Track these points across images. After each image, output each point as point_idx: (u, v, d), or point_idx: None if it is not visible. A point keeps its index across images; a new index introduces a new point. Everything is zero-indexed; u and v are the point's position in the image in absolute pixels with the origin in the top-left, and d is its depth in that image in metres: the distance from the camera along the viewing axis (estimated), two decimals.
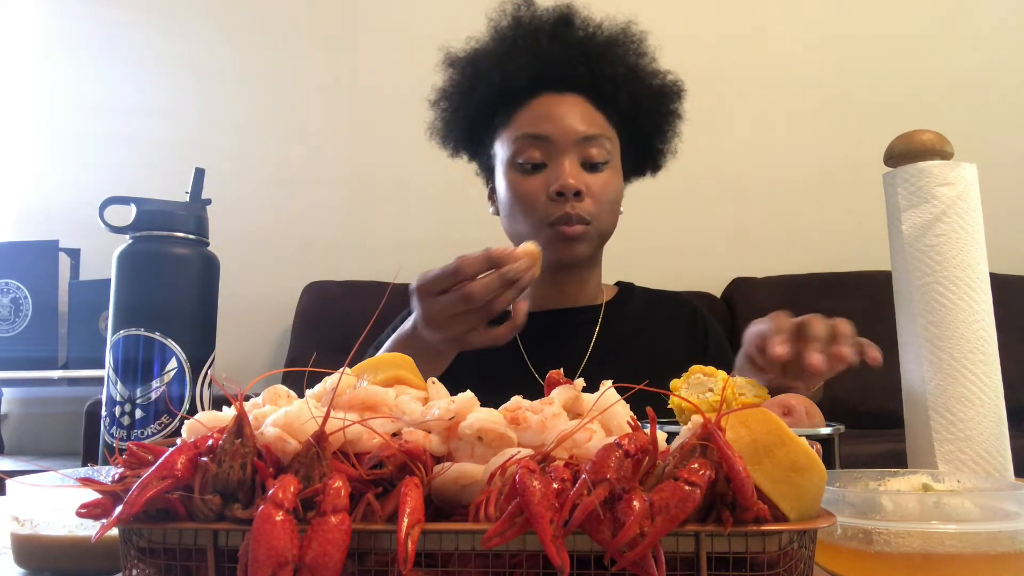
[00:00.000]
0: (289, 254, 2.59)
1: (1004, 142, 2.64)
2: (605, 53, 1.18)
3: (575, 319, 1.23)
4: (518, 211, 1.14)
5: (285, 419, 0.46)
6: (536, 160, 1.12)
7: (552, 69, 1.16)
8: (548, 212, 1.11)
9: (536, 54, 1.16)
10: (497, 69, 1.17)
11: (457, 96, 1.22)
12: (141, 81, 2.65)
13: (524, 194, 1.12)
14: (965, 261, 0.78)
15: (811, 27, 2.77)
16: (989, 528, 0.54)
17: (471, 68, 1.20)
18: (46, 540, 0.60)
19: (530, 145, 1.12)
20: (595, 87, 1.16)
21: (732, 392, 0.79)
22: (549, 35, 1.18)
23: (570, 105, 1.14)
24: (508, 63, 1.16)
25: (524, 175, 1.13)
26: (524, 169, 1.13)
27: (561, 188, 1.09)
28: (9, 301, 2.26)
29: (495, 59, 1.18)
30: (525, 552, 0.42)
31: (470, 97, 1.20)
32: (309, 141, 2.65)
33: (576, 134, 1.12)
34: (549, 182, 1.10)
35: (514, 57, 1.16)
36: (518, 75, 1.15)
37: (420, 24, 2.66)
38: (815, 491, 0.45)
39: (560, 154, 1.11)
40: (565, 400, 0.52)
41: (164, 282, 0.82)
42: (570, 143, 1.11)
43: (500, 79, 1.16)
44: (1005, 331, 0.81)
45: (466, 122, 1.22)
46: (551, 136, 1.11)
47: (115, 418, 0.79)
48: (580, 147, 1.12)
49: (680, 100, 1.25)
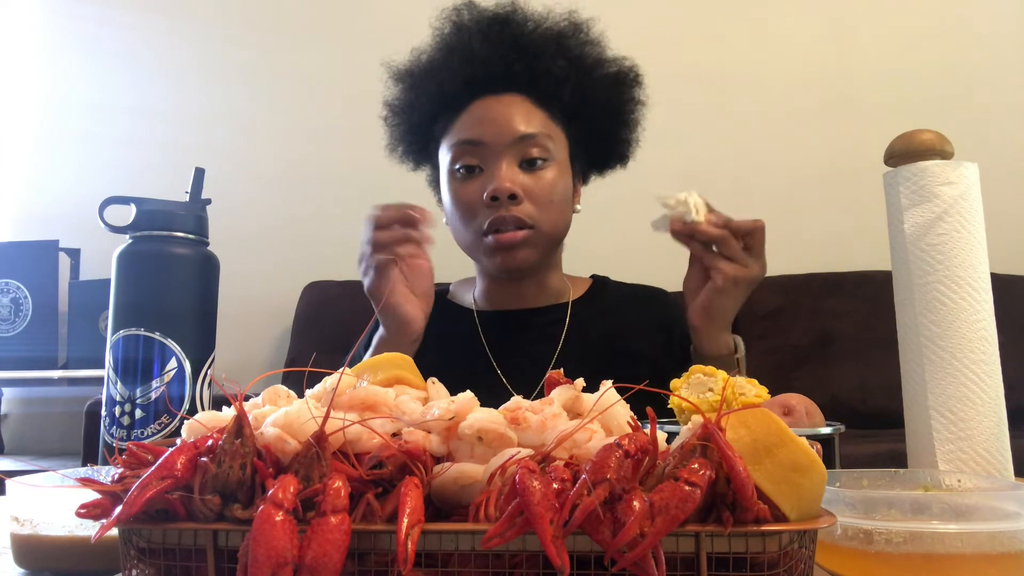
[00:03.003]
0: (289, 254, 2.59)
1: (1004, 142, 2.64)
2: (544, 48, 1.14)
3: (540, 319, 1.20)
4: (458, 220, 1.11)
5: (285, 419, 0.46)
6: (471, 164, 1.09)
7: (487, 71, 1.12)
8: (481, 220, 1.07)
9: (469, 58, 1.12)
10: (434, 77, 1.14)
11: (401, 109, 1.20)
12: (141, 81, 2.65)
13: (461, 201, 1.09)
14: (967, 260, 0.78)
15: (811, 26, 2.77)
16: (989, 528, 0.54)
17: (411, 79, 1.18)
18: (46, 540, 0.60)
19: (465, 151, 1.09)
20: (535, 84, 1.12)
21: (732, 392, 0.79)
22: (482, 36, 1.14)
23: (506, 105, 1.10)
24: (442, 70, 1.14)
25: (461, 182, 1.09)
26: (459, 176, 1.10)
27: (494, 192, 1.05)
28: (9, 301, 2.26)
29: (433, 68, 1.15)
30: (525, 552, 0.42)
31: (413, 109, 1.18)
32: (309, 141, 2.65)
33: (512, 135, 1.08)
34: (484, 188, 1.07)
35: (448, 63, 1.14)
36: (452, 80, 1.12)
37: (420, 24, 2.66)
38: (815, 491, 0.45)
39: (496, 157, 1.07)
40: (565, 400, 0.52)
41: (164, 282, 0.82)
42: (505, 144, 1.07)
43: (436, 86, 1.14)
44: (1005, 331, 0.81)
45: (411, 135, 1.21)
46: (484, 139, 1.08)
47: (115, 418, 0.79)
48: (517, 148, 1.08)
49: (638, 86, 1.19)
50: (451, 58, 1.14)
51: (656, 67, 1.29)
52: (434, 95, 1.15)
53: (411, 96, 1.18)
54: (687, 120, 2.59)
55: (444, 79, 1.13)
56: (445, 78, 1.13)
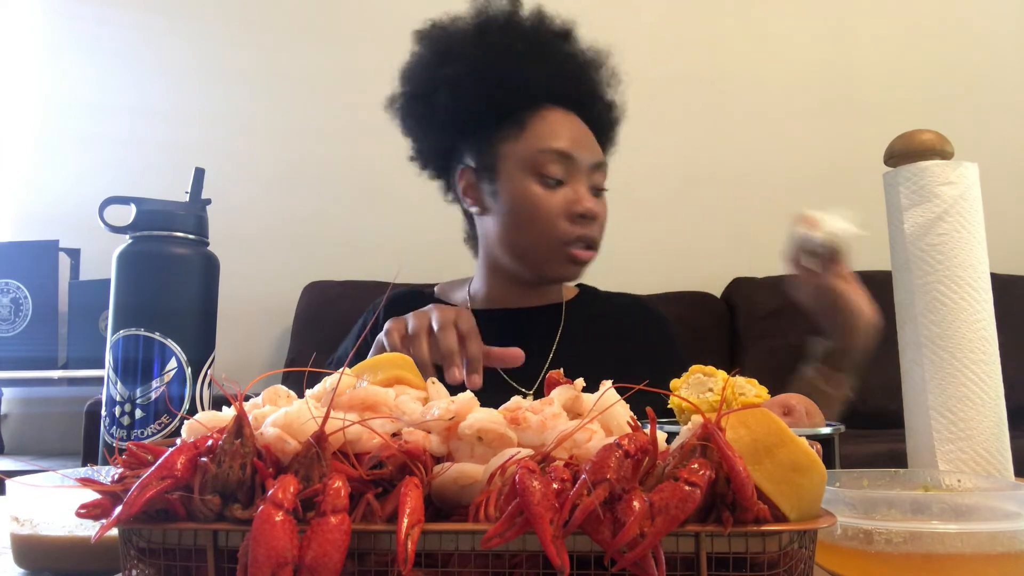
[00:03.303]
0: (289, 254, 2.59)
1: (1004, 142, 2.64)
2: (593, 79, 1.21)
3: (538, 317, 1.22)
4: (535, 224, 1.13)
5: (285, 419, 0.46)
6: (558, 176, 1.12)
7: (563, 81, 1.16)
8: (567, 232, 1.12)
9: (550, 62, 1.16)
10: (514, 68, 1.14)
11: (456, 88, 1.16)
12: (141, 81, 2.65)
13: (542, 208, 1.12)
14: (967, 260, 0.78)
15: (811, 26, 2.77)
16: (989, 528, 0.54)
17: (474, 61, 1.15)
18: (46, 540, 0.60)
19: (554, 160, 1.12)
20: (591, 110, 1.19)
21: (732, 392, 0.79)
22: (557, 42, 1.19)
23: (578, 124, 1.16)
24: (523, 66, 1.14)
25: (547, 189, 1.12)
26: (548, 184, 1.12)
27: (587, 211, 1.12)
28: (9, 301, 2.26)
29: (507, 57, 1.15)
30: (525, 552, 0.42)
31: (472, 92, 1.15)
32: (309, 141, 2.65)
33: (595, 158, 1.15)
34: (569, 201, 1.11)
35: (530, 59, 1.15)
36: (533, 81, 1.14)
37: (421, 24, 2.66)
38: (815, 491, 0.45)
39: (579, 175, 1.13)
40: (565, 400, 0.52)
41: (164, 282, 0.82)
42: (589, 165, 1.14)
43: (518, 80, 1.14)
44: (1005, 331, 0.81)
45: (462, 116, 1.17)
46: (575, 155, 1.13)
47: (115, 418, 0.79)
48: (592, 173, 1.15)
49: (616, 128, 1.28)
50: (527, 57, 1.15)
51: (656, 67, 1.30)
52: (503, 85, 1.14)
53: (468, 77, 1.15)
54: (687, 120, 2.59)
55: (520, 76, 1.14)
56: (522, 76, 1.14)
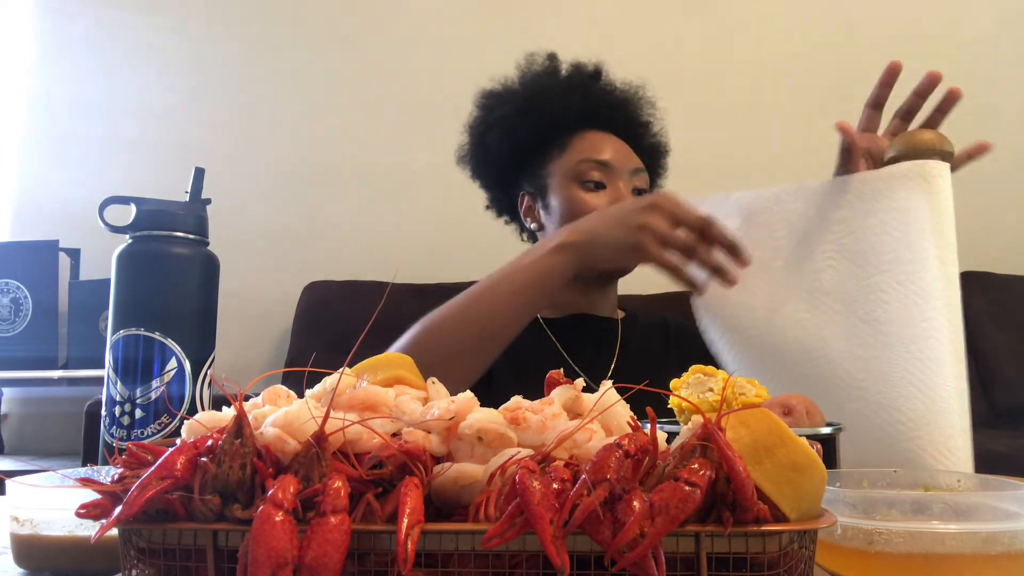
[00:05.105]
0: (289, 254, 2.59)
1: (1004, 142, 2.64)
2: (626, 105, 1.36)
3: (603, 326, 1.34)
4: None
5: (285, 419, 0.46)
6: (598, 180, 1.25)
7: (598, 108, 1.32)
8: None
9: (586, 94, 1.32)
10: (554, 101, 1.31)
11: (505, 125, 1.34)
12: (141, 81, 2.65)
13: (591, 206, 1.23)
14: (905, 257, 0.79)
15: (811, 26, 2.77)
16: (989, 528, 0.54)
17: (520, 101, 1.33)
18: (46, 540, 0.60)
19: (594, 167, 1.25)
20: (627, 131, 1.33)
21: (732, 392, 0.79)
22: (590, 80, 1.36)
23: (615, 140, 1.29)
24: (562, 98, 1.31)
25: (588, 192, 1.25)
26: (588, 188, 1.25)
27: None
28: (9, 301, 2.26)
29: (548, 94, 1.32)
30: (525, 552, 0.42)
31: (519, 125, 1.32)
32: (309, 141, 2.65)
33: (632, 164, 1.27)
34: (612, 200, 1.23)
35: (568, 93, 1.32)
36: (572, 109, 1.30)
37: (421, 24, 2.66)
38: (815, 491, 0.45)
39: (618, 178, 1.25)
40: (565, 400, 0.52)
41: (164, 282, 0.82)
42: (626, 170, 1.26)
43: (558, 110, 1.30)
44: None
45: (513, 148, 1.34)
46: (612, 162, 1.26)
47: (115, 418, 0.79)
48: (631, 177, 1.27)
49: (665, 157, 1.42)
50: (570, 89, 1.33)
51: (656, 67, 1.31)
52: (551, 116, 1.31)
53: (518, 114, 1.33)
54: (687, 120, 2.59)
55: (565, 105, 1.31)
56: (566, 104, 1.31)
